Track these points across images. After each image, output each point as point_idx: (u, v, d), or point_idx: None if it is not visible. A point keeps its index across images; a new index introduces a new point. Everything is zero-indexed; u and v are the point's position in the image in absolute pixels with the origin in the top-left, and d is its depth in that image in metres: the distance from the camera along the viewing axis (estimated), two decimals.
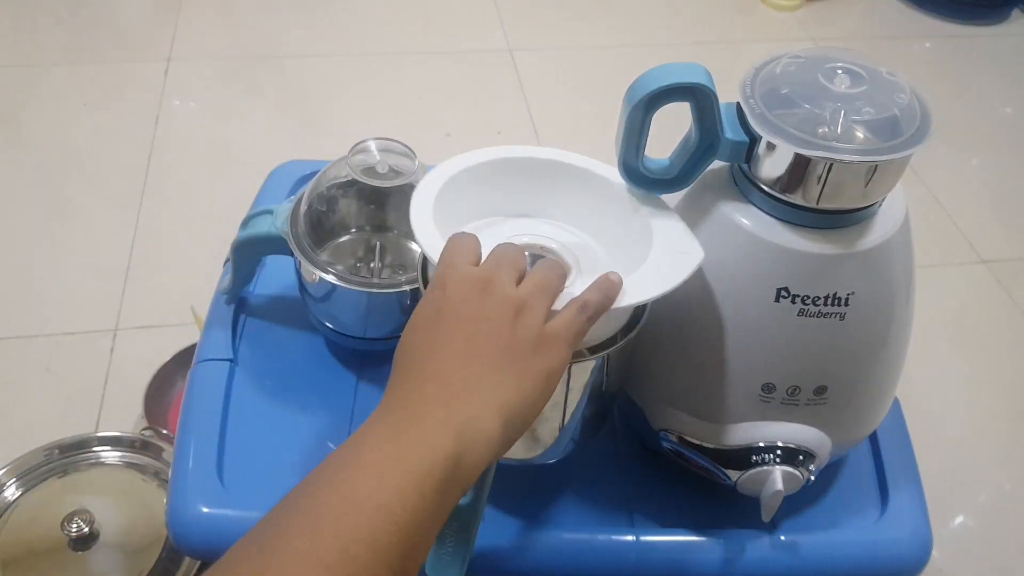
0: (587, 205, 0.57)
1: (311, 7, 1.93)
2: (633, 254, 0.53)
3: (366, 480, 0.39)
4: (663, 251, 0.51)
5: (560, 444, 0.57)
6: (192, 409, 0.63)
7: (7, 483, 0.90)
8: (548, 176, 0.57)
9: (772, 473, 0.54)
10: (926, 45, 2.05)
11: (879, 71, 0.51)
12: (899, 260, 0.52)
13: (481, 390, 0.43)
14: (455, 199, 0.54)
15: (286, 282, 0.72)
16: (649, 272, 0.50)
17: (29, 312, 1.27)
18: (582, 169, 0.57)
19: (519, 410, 0.43)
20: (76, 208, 1.45)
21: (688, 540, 0.59)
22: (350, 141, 0.64)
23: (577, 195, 0.57)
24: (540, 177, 0.57)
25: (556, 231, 0.57)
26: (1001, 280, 1.48)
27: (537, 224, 0.57)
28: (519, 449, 0.56)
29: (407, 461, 0.40)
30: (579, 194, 0.57)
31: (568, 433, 0.56)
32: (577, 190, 0.57)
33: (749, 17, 2.07)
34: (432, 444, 0.40)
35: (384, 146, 0.64)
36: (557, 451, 0.57)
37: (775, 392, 0.53)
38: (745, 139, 0.50)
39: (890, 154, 0.46)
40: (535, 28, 1.94)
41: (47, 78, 1.70)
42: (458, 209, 0.55)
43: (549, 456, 0.58)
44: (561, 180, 0.57)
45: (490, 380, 0.43)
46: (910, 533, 0.61)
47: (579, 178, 0.57)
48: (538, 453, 0.57)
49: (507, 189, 0.57)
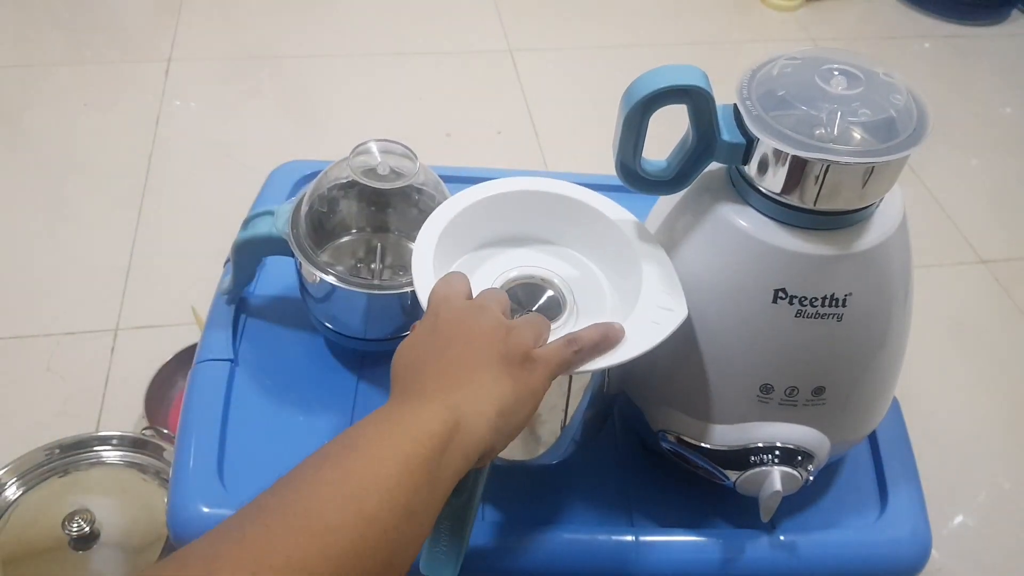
0: (584, 234, 0.58)
1: (311, 7, 1.93)
2: (626, 287, 0.55)
3: (359, 460, 0.39)
4: (647, 304, 0.52)
5: (561, 445, 0.57)
6: (192, 409, 0.64)
7: (8, 483, 0.90)
8: (547, 207, 0.58)
9: (771, 474, 0.55)
10: (925, 45, 2.05)
11: (875, 72, 0.51)
12: (897, 261, 0.52)
13: (479, 380, 0.45)
14: (457, 236, 0.56)
15: (287, 283, 0.73)
16: (631, 328, 0.50)
17: (29, 312, 1.27)
18: (577, 200, 0.58)
19: (512, 407, 0.45)
20: (76, 208, 1.45)
21: (688, 540, 0.59)
22: (350, 142, 0.64)
23: (574, 225, 0.58)
24: (539, 208, 0.58)
25: (555, 260, 0.58)
26: (1000, 280, 1.48)
27: (536, 254, 0.59)
28: (521, 450, 0.56)
29: (397, 436, 0.41)
30: (576, 224, 0.58)
31: (569, 434, 0.56)
32: (574, 220, 0.58)
33: (748, 17, 2.07)
34: (425, 419, 0.42)
35: (385, 147, 0.65)
36: (558, 452, 0.58)
37: (773, 393, 0.54)
38: (742, 141, 0.50)
39: (887, 155, 0.47)
40: (535, 28, 1.94)
41: (48, 78, 1.70)
42: (460, 243, 0.56)
43: (551, 457, 0.58)
44: (560, 211, 0.58)
45: (487, 375, 0.45)
46: (909, 533, 0.61)
47: (575, 209, 0.58)
48: (540, 454, 0.57)
49: (506, 221, 0.58)
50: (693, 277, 0.53)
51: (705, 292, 0.53)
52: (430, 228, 0.55)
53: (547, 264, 0.58)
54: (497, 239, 0.59)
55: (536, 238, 0.60)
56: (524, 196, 0.58)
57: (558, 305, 0.55)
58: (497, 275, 0.56)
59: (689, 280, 0.53)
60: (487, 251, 0.58)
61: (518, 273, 0.56)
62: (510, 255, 0.58)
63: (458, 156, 1.56)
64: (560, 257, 0.59)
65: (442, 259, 0.54)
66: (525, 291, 0.56)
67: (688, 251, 0.54)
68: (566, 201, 0.58)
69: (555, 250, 0.59)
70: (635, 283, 0.53)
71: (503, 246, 0.59)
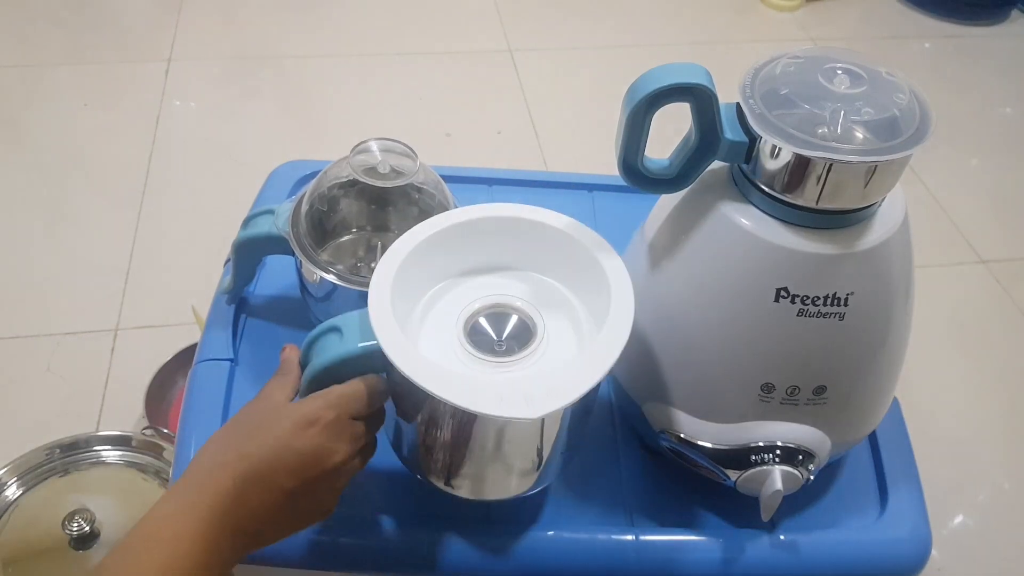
0: (545, 254, 0.57)
1: (311, 8, 1.93)
2: (597, 303, 0.53)
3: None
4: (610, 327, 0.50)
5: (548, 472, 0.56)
6: (193, 409, 0.63)
7: (8, 482, 0.90)
8: (503, 231, 0.56)
9: (771, 473, 0.54)
10: (925, 45, 2.06)
11: (879, 71, 0.51)
12: (898, 260, 0.52)
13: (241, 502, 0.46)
14: (414, 275, 0.54)
15: (287, 282, 0.72)
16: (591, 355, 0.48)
17: (30, 312, 1.27)
18: (532, 220, 0.56)
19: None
20: (77, 208, 1.45)
21: (687, 540, 0.59)
22: (350, 141, 0.64)
23: (534, 246, 0.56)
24: (496, 234, 0.56)
25: (520, 285, 0.57)
26: (1000, 280, 1.48)
27: (500, 280, 0.57)
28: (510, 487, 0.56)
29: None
30: (536, 245, 0.56)
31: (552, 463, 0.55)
32: (533, 241, 0.56)
33: (749, 17, 2.07)
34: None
35: (386, 146, 0.65)
36: (547, 478, 0.57)
37: (774, 392, 0.54)
38: (745, 139, 0.50)
39: (889, 154, 0.47)
40: (535, 28, 1.94)
41: (48, 78, 1.70)
42: (418, 282, 0.55)
43: (540, 484, 0.57)
44: (517, 234, 0.56)
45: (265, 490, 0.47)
46: (909, 533, 0.61)
47: (532, 229, 0.56)
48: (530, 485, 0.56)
49: (463, 251, 0.56)
50: (694, 276, 0.53)
51: (706, 291, 0.53)
52: (382, 274, 0.52)
53: (512, 290, 0.56)
54: (457, 271, 0.57)
55: (498, 265, 0.58)
56: (476, 224, 0.56)
57: (528, 330, 0.53)
58: (462, 307, 0.54)
59: (690, 279, 0.53)
60: (450, 283, 0.57)
61: (483, 304, 0.54)
62: (473, 284, 0.56)
63: (458, 156, 1.56)
64: (525, 281, 0.57)
65: (401, 301, 0.52)
66: (492, 320, 0.54)
67: (690, 250, 0.54)
68: (520, 223, 0.56)
69: (519, 275, 0.57)
70: (605, 299, 0.52)
71: (467, 276, 0.57)
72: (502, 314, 0.54)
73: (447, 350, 0.52)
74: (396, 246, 0.54)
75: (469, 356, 0.51)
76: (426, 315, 0.55)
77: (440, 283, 0.57)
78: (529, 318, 0.54)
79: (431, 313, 0.55)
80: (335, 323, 0.51)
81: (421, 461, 0.55)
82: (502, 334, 0.53)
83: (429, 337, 0.53)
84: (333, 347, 0.50)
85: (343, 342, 0.50)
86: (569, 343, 0.53)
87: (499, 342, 0.52)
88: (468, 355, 0.52)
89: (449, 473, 0.54)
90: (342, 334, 0.50)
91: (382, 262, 0.53)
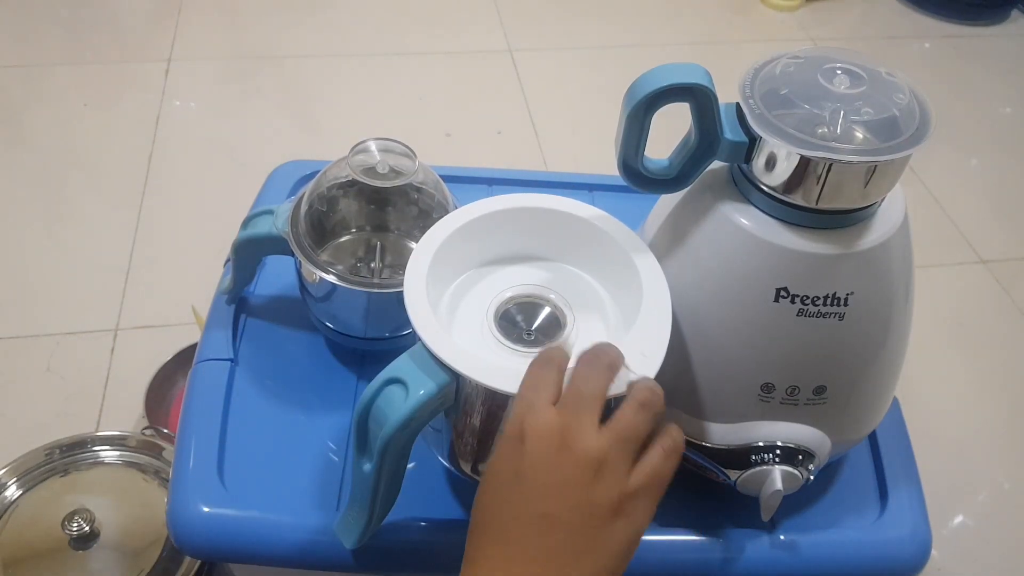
0: (580, 249, 0.58)
1: (311, 7, 1.93)
2: (627, 301, 0.54)
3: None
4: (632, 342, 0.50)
5: None
6: (193, 409, 0.63)
7: (7, 483, 0.90)
8: (542, 223, 0.57)
9: (771, 473, 0.54)
10: (925, 45, 2.06)
11: (878, 71, 0.51)
12: (898, 260, 0.52)
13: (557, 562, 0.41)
14: (450, 259, 0.55)
15: (286, 282, 0.73)
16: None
17: (29, 312, 1.27)
18: (571, 215, 0.57)
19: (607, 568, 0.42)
20: (76, 208, 1.45)
21: (688, 540, 0.59)
22: (350, 141, 0.64)
23: (570, 240, 0.57)
24: (534, 225, 0.57)
25: (552, 277, 0.57)
26: (1000, 280, 1.48)
27: (533, 271, 0.58)
28: None
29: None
30: (572, 239, 0.57)
31: None
32: (570, 235, 0.57)
33: (748, 17, 2.07)
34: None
35: (384, 146, 0.65)
36: None
37: (774, 392, 0.54)
38: (744, 139, 0.50)
39: (889, 154, 0.47)
40: (535, 28, 1.94)
41: (48, 78, 1.70)
42: (453, 266, 0.56)
43: None
44: (555, 226, 0.57)
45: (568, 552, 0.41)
46: (909, 533, 0.61)
47: (570, 223, 0.57)
48: None
49: (500, 239, 0.57)
50: (694, 276, 0.53)
51: (706, 291, 0.53)
52: (421, 254, 0.53)
53: (544, 281, 0.57)
54: (492, 259, 0.58)
55: (532, 255, 0.59)
56: (516, 213, 0.57)
57: (557, 323, 0.54)
58: (493, 295, 0.55)
59: (690, 279, 0.53)
60: (482, 271, 0.58)
61: (514, 292, 0.55)
62: (505, 274, 0.57)
63: (458, 156, 1.56)
64: (557, 273, 0.58)
65: (435, 283, 0.53)
66: (523, 310, 0.55)
67: (689, 250, 0.54)
68: (560, 216, 0.57)
69: (552, 266, 0.58)
70: (636, 297, 0.53)
71: (498, 265, 0.58)
72: (534, 304, 0.55)
73: (476, 337, 0.53)
74: (436, 229, 0.55)
75: (498, 344, 0.52)
76: (457, 303, 0.56)
77: (469, 271, 0.57)
78: (560, 310, 0.55)
79: (462, 301, 0.56)
80: (391, 375, 0.48)
81: (451, 448, 0.55)
82: (532, 324, 0.54)
83: (460, 324, 0.54)
84: (399, 400, 0.47)
85: (408, 396, 0.47)
86: (598, 338, 0.54)
87: (528, 332, 0.53)
88: (497, 343, 0.52)
89: (476, 459, 0.54)
90: (405, 386, 0.48)
91: (413, 260, 0.53)
